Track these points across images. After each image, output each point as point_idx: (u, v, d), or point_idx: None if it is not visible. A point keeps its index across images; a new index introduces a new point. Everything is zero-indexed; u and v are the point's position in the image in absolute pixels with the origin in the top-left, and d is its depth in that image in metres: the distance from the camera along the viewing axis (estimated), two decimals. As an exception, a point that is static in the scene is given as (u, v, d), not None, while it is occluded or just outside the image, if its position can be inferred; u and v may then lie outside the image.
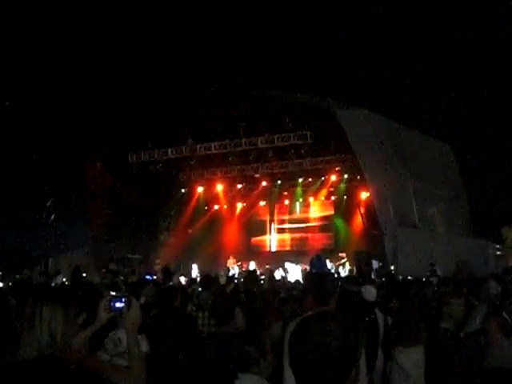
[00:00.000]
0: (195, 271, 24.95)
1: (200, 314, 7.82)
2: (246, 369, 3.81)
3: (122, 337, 4.08)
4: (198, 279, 16.62)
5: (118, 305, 3.79)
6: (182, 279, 20.49)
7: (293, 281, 16.82)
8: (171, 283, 17.85)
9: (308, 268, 20.25)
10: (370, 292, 7.75)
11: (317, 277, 5.61)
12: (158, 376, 4.03)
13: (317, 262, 11.38)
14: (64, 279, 18.43)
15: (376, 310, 7.17)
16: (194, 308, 8.29)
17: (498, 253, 24.07)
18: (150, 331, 5.14)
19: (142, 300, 7.93)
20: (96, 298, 4.34)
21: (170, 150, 27.40)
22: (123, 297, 3.86)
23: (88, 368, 1.51)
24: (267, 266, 25.18)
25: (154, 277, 19.75)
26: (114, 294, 4.62)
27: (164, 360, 4.35)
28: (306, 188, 30.78)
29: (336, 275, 19.62)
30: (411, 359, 5.59)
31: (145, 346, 4.39)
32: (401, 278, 16.75)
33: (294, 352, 2.42)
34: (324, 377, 2.30)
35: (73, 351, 3.73)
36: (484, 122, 22.57)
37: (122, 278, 19.49)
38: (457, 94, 22.63)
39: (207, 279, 9.56)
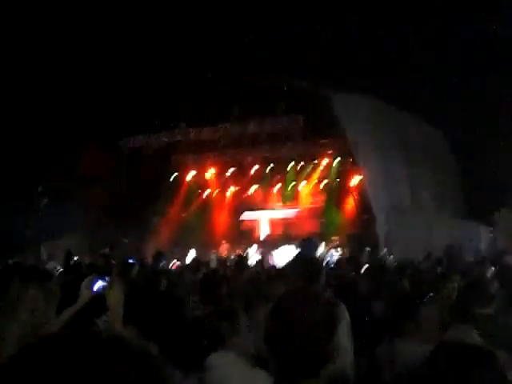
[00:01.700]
0: (193, 256, 24.85)
1: (189, 298, 7.77)
2: (219, 346, 3.80)
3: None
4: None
5: (100, 284, 3.75)
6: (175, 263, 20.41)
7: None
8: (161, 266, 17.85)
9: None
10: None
11: (303, 258, 5.55)
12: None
13: (305, 245, 11.29)
14: (57, 265, 18.33)
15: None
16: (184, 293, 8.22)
17: (491, 235, 24.12)
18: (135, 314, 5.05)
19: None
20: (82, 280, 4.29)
21: (162, 135, 27.37)
22: (106, 276, 3.82)
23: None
24: (259, 251, 25.16)
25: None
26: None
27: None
28: (298, 172, 30.70)
29: (329, 258, 19.64)
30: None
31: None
32: (396, 263, 16.70)
33: (271, 329, 2.38)
34: (301, 354, 2.26)
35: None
36: (477, 106, 22.51)
37: (114, 262, 19.42)
38: (450, 79, 22.55)
39: (195, 263, 9.51)
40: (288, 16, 21.64)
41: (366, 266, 12.88)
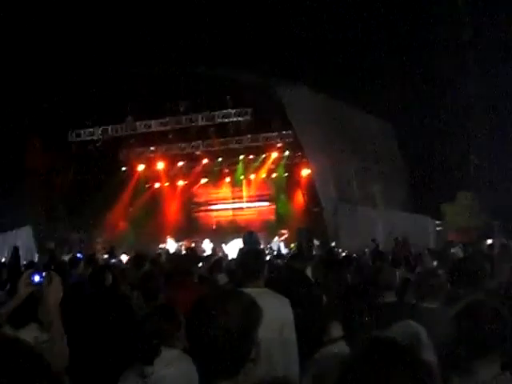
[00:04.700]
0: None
1: (134, 294, 7.71)
2: (163, 343, 3.83)
3: None
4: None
5: (37, 279, 3.72)
6: (124, 258, 20.30)
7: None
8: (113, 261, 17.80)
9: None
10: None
11: (246, 253, 5.56)
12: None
13: (248, 239, 11.35)
14: (3, 260, 18.16)
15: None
16: (129, 287, 8.14)
17: (438, 229, 24.44)
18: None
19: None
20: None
21: (109, 128, 27.15)
22: (43, 271, 3.79)
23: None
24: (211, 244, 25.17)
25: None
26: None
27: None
28: (247, 165, 30.75)
29: (276, 252, 19.70)
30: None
31: None
32: (344, 254, 16.80)
33: (190, 331, 2.44)
34: (219, 356, 2.32)
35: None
36: (424, 100, 22.78)
37: (63, 257, 19.29)
38: (397, 72, 22.77)
39: (138, 258, 9.42)
40: (238, 8, 21.62)
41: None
